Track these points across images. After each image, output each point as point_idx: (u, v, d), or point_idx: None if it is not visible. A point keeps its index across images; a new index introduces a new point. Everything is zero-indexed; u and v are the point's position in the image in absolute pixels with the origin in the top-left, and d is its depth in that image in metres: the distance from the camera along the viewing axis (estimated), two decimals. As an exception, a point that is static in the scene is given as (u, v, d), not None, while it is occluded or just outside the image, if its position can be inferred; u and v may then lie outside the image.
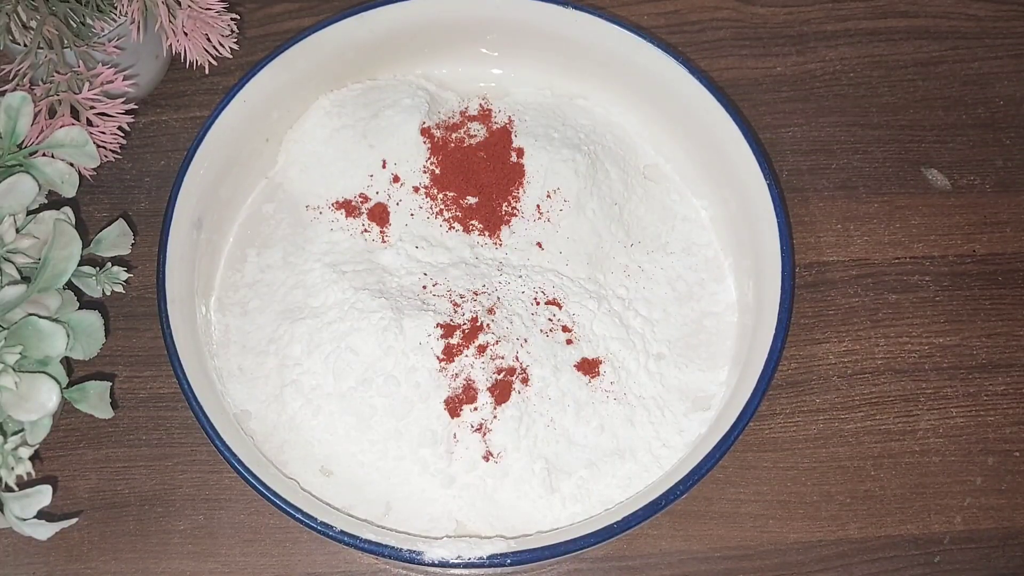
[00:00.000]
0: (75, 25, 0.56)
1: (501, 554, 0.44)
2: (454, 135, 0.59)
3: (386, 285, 0.55)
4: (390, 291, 0.54)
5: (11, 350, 0.45)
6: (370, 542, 0.44)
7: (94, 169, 0.54)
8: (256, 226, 0.59)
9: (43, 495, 0.45)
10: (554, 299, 0.55)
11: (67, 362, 0.52)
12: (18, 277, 0.48)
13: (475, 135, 0.59)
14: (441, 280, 0.55)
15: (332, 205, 0.58)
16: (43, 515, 0.46)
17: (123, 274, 0.53)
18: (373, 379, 0.51)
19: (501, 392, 0.51)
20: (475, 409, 0.51)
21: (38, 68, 0.55)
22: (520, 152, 0.59)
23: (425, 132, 0.59)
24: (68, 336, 0.46)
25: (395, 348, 0.51)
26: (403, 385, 0.51)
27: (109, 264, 0.53)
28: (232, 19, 0.58)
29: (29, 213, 0.50)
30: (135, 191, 0.63)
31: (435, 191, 0.58)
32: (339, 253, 0.57)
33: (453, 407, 0.51)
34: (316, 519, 0.45)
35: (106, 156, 0.56)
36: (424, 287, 0.55)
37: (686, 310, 0.57)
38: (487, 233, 0.57)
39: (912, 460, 0.57)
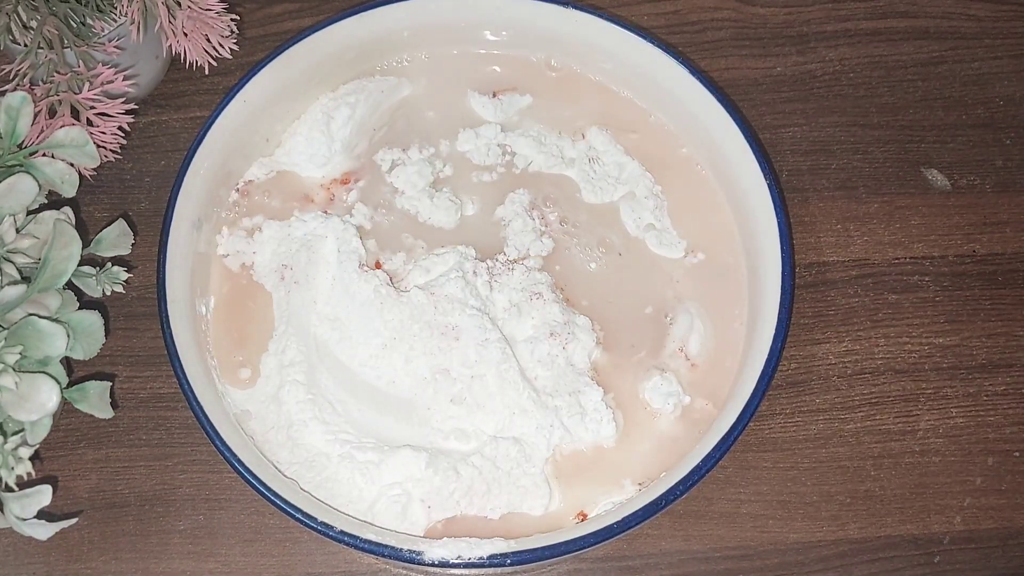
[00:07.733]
0: (75, 25, 0.56)
1: (501, 554, 0.44)
2: None
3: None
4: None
5: (11, 350, 0.45)
6: (370, 542, 0.44)
7: (94, 169, 0.54)
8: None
9: (43, 495, 0.45)
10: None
11: (67, 362, 0.52)
12: (18, 277, 0.48)
13: None
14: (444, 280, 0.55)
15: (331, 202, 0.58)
16: (43, 515, 0.46)
17: (123, 274, 0.53)
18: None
19: None
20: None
21: (38, 68, 0.55)
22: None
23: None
24: (68, 336, 0.46)
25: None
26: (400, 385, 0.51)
27: (109, 264, 0.53)
28: (232, 19, 0.58)
29: (29, 213, 0.50)
30: (135, 191, 0.63)
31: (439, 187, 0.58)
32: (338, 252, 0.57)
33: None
34: (316, 519, 0.45)
35: (106, 156, 0.56)
36: (433, 293, 0.55)
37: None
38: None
39: (912, 460, 0.57)
